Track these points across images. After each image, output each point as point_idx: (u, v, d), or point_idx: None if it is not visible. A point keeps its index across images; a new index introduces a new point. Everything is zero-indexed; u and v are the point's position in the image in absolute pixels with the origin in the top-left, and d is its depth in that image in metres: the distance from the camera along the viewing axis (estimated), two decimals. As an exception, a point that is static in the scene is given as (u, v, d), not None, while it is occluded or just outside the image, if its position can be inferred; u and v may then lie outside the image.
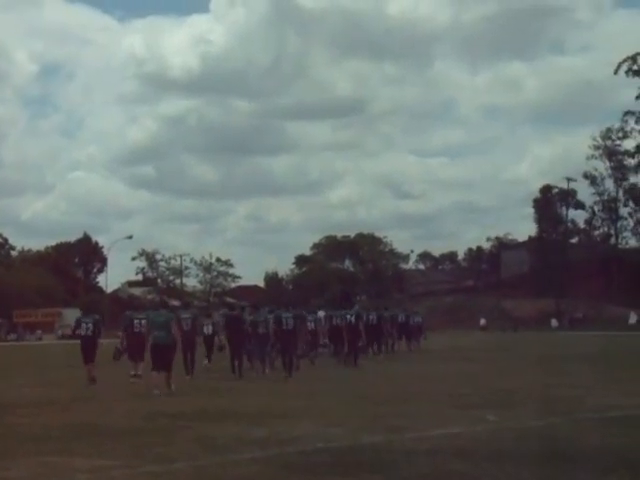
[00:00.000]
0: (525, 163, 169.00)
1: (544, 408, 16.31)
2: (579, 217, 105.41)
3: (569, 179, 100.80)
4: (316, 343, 33.81)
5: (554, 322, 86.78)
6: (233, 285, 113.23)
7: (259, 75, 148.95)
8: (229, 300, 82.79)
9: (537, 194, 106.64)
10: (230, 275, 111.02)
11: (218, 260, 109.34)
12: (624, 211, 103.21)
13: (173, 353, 21.35)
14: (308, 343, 32.03)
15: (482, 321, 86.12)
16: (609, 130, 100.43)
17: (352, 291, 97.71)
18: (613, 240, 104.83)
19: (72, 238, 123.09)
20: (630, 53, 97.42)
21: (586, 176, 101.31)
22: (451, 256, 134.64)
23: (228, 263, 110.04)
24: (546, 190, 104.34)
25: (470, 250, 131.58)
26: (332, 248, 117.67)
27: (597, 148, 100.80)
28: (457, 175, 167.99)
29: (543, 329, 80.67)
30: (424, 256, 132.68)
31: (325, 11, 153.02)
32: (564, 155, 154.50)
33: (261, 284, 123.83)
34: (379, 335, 36.40)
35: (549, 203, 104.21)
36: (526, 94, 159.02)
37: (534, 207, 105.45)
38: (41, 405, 18.43)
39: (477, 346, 47.19)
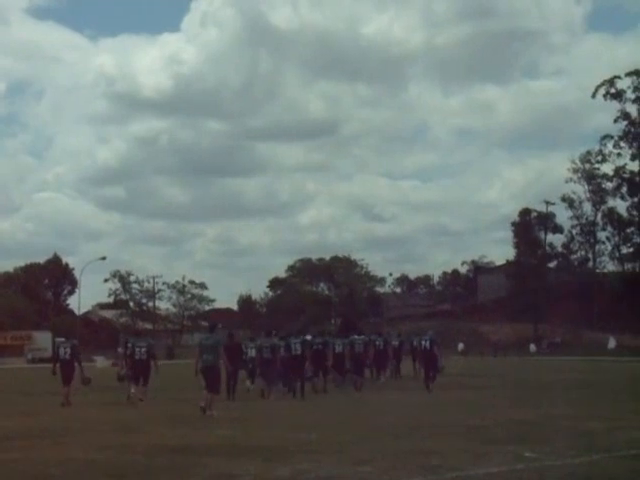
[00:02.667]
0: (497, 186, 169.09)
1: (578, 443, 15.19)
2: (557, 241, 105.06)
3: (547, 202, 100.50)
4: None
5: (532, 347, 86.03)
6: (207, 308, 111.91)
7: (231, 96, 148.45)
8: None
9: (513, 217, 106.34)
10: (204, 298, 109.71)
11: (192, 282, 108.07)
12: (602, 235, 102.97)
13: (220, 375, 22.23)
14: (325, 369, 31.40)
15: (460, 346, 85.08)
16: (588, 153, 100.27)
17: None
18: (591, 264, 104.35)
19: (40, 259, 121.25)
20: (603, 76, 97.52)
21: (564, 199, 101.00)
22: (425, 280, 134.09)
23: (202, 286, 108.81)
24: (525, 213, 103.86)
25: (445, 274, 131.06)
26: (307, 271, 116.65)
27: (576, 171, 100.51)
28: (429, 198, 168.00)
29: (522, 354, 79.93)
30: (400, 280, 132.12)
31: (298, 32, 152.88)
32: (536, 179, 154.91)
33: (234, 307, 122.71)
34: (385, 360, 36.78)
35: (527, 226, 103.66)
36: (499, 117, 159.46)
37: (513, 230, 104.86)
38: (30, 437, 17.22)
39: (463, 372, 46.04)
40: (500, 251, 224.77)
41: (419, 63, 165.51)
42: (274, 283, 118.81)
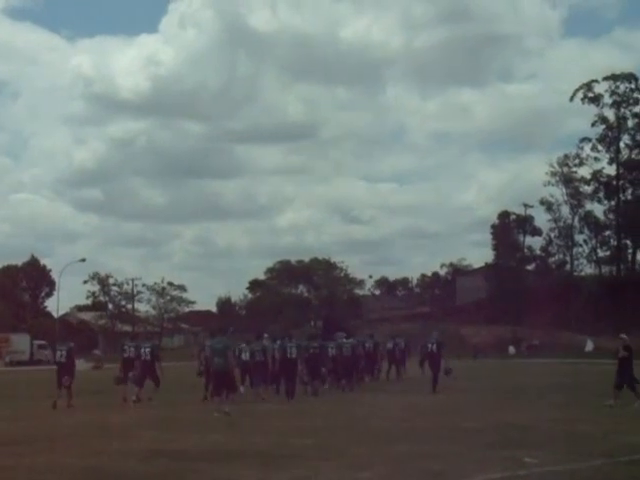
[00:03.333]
0: (474, 189, 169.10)
1: (577, 448, 15.03)
2: (536, 244, 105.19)
3: (526, 205, 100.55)
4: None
5: (511, 349, 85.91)
6: (187, 310, 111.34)
7: (209, 98, 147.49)
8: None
9: (490, 220, 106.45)
10: (184, 300, 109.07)
11: (171, 284, 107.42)
12: (579, 238, 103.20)
13: (232, 377, 22.70)
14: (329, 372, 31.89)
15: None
16: (566, 157, 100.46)
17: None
18: (568, 267, 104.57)
19: (17, 261, 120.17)
20: (578, 81, 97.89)
21: (542, 202, 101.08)
22: (404, 282, 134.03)
23: (182, 288, 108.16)
24: (504, 216, 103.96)
25: (423, 276, 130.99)
26: (286, 273, 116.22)
27: (554, 174, 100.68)
28: (406, 201, 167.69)
29: (501, 356, 79.85)
30: (380, 282, 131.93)
31: (277, 35, 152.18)
32: (512, 182, 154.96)
33: (212, 309, 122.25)
34: (374, 362, 37.13)
35: (506, 229, 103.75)
36: (476, 121, 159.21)
37: (492, 233, 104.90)
38: (21, 443, 16.84)
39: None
40: (478, 254, 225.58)
41: (397, 66, 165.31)
42: (253, 285, 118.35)
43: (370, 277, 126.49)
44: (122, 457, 14.75)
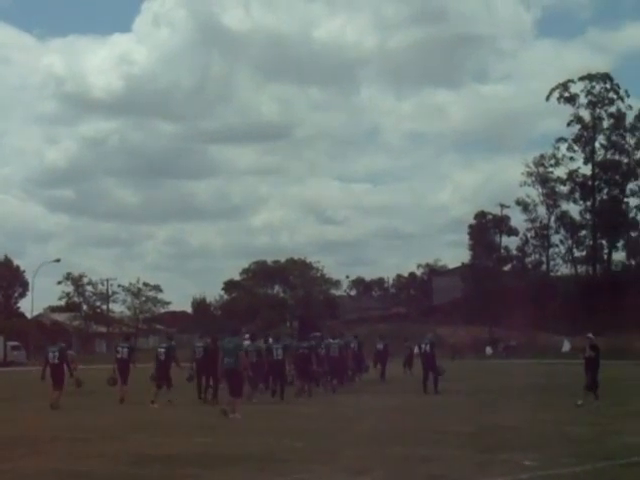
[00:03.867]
0: (448, 190, 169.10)
1: (576, 451, 14.82)
2: (512, 244, 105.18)
3: (502, 205, 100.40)
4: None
5: (488, 350, 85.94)
6: (162, 310, 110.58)
7: (183, 97, 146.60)
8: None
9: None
10: (159, 301, 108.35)
11: (146, 285, 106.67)
12: (555, 238, 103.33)
13: (242, 378, 22.58)
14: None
15: (416, 349, 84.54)
16: (542, 157, 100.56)
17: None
18: (545, 267, 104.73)
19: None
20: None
21: (519, 203, 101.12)
22: (379, 282, 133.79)
23: (157, 288, 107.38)
24: (481, 216, 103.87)
25: (399, 276, 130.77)
26: (262, 273, 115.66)
27: (530, 175, 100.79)
28: (381, 201, 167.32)
29: (478, 357, 79.89)
30: (355, 282, 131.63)
31: (251, 34, 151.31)
32: (487, 182, 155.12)
33: (187, 309, 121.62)
34: (361, 362, 37.27)
35: (483, 229, 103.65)
36: (450, 121, 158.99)
37: (469, 233, 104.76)
38: (6, 446, 16.44)
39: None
40: (453, 254, 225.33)
41: (371, 67, 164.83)
42: (229, 286, 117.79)
43: (347, 277, 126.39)
44: (111, 461, 14.44)
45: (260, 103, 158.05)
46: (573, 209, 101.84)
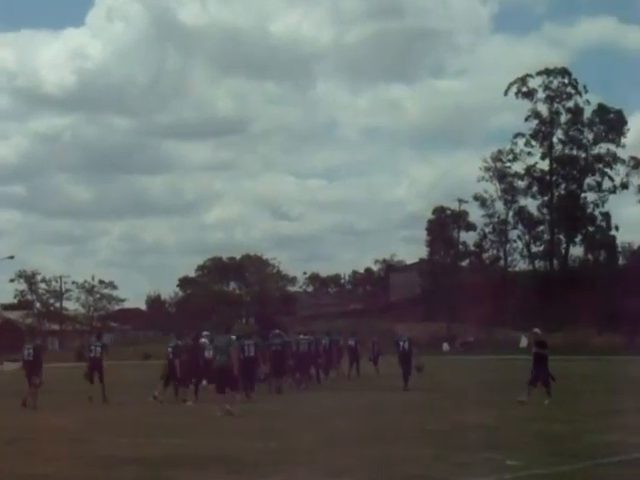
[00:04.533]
0: (404, 185, 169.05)
1: (556, 450, 14.70)
2: (470, 239, 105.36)
3: (460, 200, 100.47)
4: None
5: (445, 346, 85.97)
6: (117, 308, 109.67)
7: (137, 92, 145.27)
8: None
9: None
10: (114, 298, 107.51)
11: (101, 282, 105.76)
12: (513, 234, 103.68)
13: (233, 375, 22.45)
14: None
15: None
16: (500, 152, 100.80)
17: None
18: (502, 263, 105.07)
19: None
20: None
21: (476, 198, 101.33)
22: (336, 279, 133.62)
23: (112, 285, 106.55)
24: (439, 211, 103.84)
25: (355, 272, 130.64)
26: (217, 270, 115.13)
27: (487, 170, 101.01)
28: (336, 197, 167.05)
29: (435, 353, 79.94)
30: (311, 278, 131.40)
31: (206, 28, 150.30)
32: (443, 178, 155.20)
33: (141, 306, 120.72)
34: (331, 360, 37.13)
35: (442, 225, 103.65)
36: (407, 116, 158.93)
37: (427, 229, 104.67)
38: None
39: (388, 372, 45.40)
40: (409, 250, 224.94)
41: (328, 61, 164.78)
42: (184, 282, 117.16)
43: (304, 274, 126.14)
44: (81, 463, 14.11)
45: (215, 98, 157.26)
46: (531, 204, 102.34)
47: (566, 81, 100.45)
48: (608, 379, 38.75)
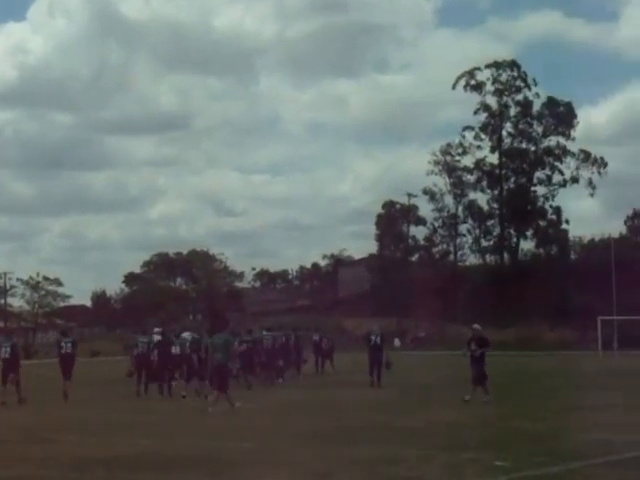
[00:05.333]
0: (349, 180, 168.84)
1: (541, 449, 14.43)
2: (420, 234, 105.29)
3: (410, 195, 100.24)
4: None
5: (396, 341, 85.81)
6: (62, 305, 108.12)
7: (79, 87, 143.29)
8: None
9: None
10: (60, 294, 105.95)
11: (46, 279, 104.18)
12: (463, 228, 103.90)
13: (229, 372, 23.03)
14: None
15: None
16: (449, 145, 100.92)
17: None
18: (452, 257, 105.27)
19: None
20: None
21: (425, 192, 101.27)
22: (283, 274, 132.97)
23: (57, 282, 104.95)
24: (389, 206, 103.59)
25: (302, 268, 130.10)
26: (164, 266, 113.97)
27: (437, 163, 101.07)
28: (280, 192, 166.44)
29: (387, 349, 79.70)
30: (260, 274, 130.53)
31: (149, 23, 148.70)
32: (388, 172, 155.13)
33: (86, 303, 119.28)
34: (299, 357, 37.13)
35: (392, 219, 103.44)
36: (351, 111, 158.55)
37: (376, 223, 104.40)
38: None
39: (343, 369, 45.04)
40: (354, 245, 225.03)
41: (271, 56, 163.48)
42: (129, 278, 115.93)
43: (253, 269, 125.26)
44: (52, 465, 13.60)
45: (158, 93, 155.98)
46: (481, 198, 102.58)
47: (515, 74, 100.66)
48: (566, 375, 38.88)
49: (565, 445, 14.82)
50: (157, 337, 30.46)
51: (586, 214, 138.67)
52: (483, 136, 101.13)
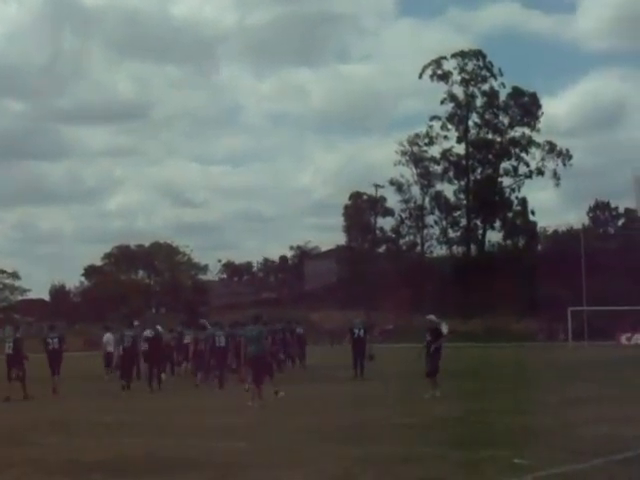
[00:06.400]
0: (310, 171, 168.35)
1: (556, 445, 13.93)
2: (388, 225, 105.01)
3: (377, 185, 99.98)
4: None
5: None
6: (20, 298, 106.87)
7: (32, 75, 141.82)
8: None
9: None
10: (17, 288, 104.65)
11: (2, 272, 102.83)
12: (430, 219, 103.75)
13: (265, 364, 22.75)
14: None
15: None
16: (417, 135, 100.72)
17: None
18: (419, 249, 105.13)
19: None
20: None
21: (392, 183, 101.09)
22: (247, 267, 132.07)
23: (15, 275, 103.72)
24: (356, 197, 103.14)
25: (266, 260, 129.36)
26: (125, 258, 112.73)
27: (404, 154, 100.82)
28: (241, 183, 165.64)
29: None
30: (226, 266, 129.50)
31: (105, 10, 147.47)
32: (349, 163, 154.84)
33: (44, 297, 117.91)
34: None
35: (359, 210, 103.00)
36: (312, 102, 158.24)
37: (343, 214, 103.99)
38: None
39: (320, 363, 44.37)
40: (316, 236, 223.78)
41: (231, 44, 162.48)
42: (89, 271, 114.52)
43: (219, 261, 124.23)
44: (43, 470, 12.85)
45: (115, 81, 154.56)
46: (447, 189, 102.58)
47: (481, 64, 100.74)
48: (544, 367, 38.62)
49: (579, 441, 14.32)
50: (148, 331, 30.71)
51: (547, 205, 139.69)
52: (450, 126, 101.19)
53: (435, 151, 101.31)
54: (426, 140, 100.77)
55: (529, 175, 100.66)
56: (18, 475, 12.52)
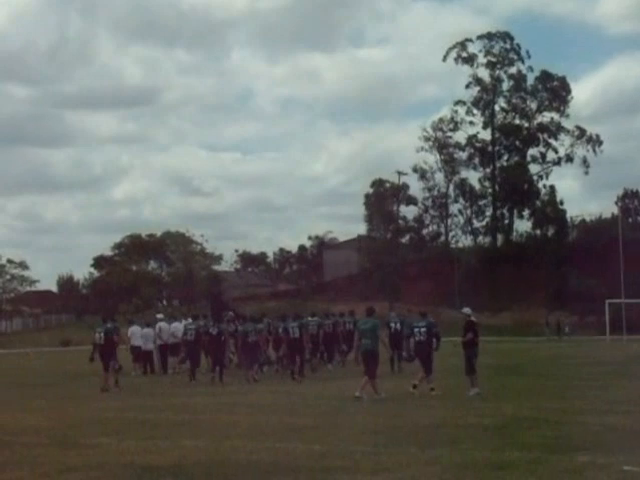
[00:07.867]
0: (323, 159, 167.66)
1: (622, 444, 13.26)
2: (410, 214, 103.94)
3: (400, 173, 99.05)
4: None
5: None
6: (28, 289, 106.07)
7: (38, 60, 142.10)
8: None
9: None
10: (25, 279, 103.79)
11: (10, 262, 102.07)
12: (454, 208, 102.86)
13: (378, 360, 22.72)
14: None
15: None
16: (441, 120, 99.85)
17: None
18: (443, 239, 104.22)
19: None
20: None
21: (415, 170, 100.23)
22: (262, 257, 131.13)
23: (23, 265, 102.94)
24: (378, 185, 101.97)
25: (282, 250, 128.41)
26: (136, 248, 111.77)
27: (427, 140, 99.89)
28: (252, 171, 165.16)
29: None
30: (243, 257, 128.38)
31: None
32: (363, 150, 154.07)
33: (52, 288, 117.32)
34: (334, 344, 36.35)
35: (381, 199, 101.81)
36: (326, 87, 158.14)
37: (365, 203, 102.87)
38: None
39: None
40: (333, 226, 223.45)
41: (242, 29, 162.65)
42: (99, 262, 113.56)
43: (236, 251, 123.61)
44: (101, 475, 12.12)
45: (122, 66, 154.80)
46: (473, 176, 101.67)
47: (508, 46, 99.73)
48: (587, 362, 37.89)
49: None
50: (201, 322, 32.31)
51: (572, 193, 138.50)
52: (475, 111, 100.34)
53: (460, 137, 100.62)
54: (450, 125, 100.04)
55: (557, 162, 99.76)
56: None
